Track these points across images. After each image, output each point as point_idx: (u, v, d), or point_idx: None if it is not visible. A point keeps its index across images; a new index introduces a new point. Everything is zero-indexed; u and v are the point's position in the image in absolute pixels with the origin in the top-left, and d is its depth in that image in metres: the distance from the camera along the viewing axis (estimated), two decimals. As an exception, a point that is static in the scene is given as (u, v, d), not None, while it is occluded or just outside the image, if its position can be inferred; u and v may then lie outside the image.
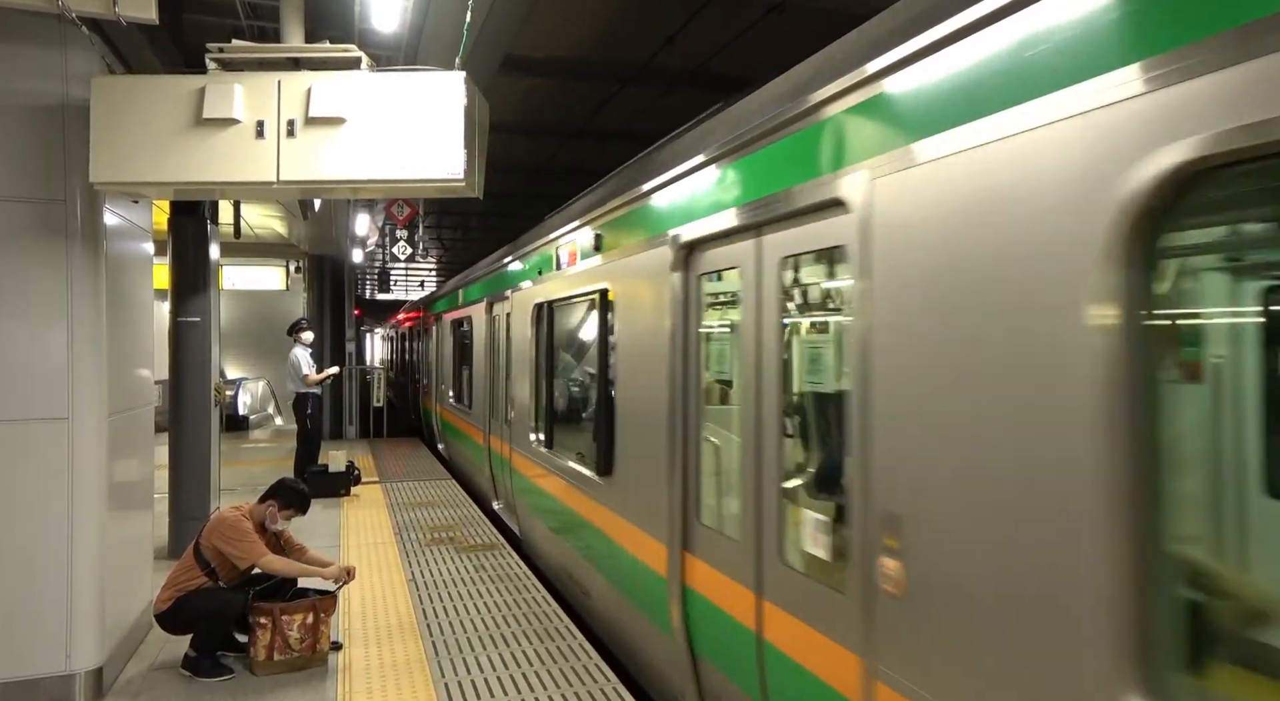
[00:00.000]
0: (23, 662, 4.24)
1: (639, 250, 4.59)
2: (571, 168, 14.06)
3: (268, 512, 5.01)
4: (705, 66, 8.94)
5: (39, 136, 4.25)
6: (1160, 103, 1.68)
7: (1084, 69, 1.85)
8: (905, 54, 2.43)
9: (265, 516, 5.00)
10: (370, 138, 4.10)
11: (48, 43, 4.25)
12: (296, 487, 5.20)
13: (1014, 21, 2.06)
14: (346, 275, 17.81)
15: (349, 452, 11.03)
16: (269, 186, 4.12)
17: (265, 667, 4.71)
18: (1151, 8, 1.72)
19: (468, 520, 8.89)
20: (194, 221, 7.25)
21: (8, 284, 4.22)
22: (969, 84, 2.20)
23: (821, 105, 2.87)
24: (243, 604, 4.80)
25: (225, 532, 4.80)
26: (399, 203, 12.42)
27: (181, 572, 4.81)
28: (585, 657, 4.97)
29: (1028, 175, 1.99)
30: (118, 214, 4.74)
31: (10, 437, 4.23)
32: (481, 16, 6.21)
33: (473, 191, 4.32)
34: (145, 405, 5.34)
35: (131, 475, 5.02)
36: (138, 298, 5.15)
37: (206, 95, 4.02)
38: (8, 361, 4.22)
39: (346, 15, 6.18)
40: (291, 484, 5.22)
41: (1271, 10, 1.49)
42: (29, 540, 4.25)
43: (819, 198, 2.86)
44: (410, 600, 6.06)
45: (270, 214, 12.85)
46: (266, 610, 4.73)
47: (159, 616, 4.78)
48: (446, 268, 30.89)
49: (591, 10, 8.61)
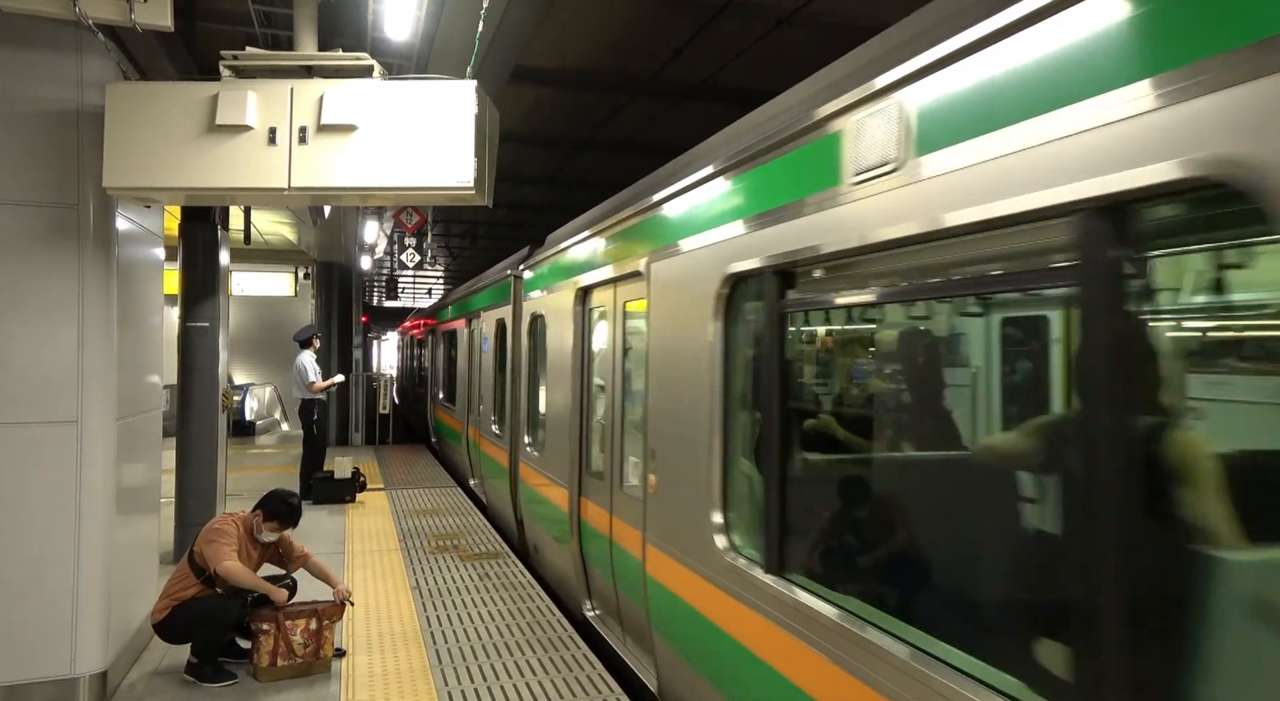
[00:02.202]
0: (28, 665, 4.25)
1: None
2: (580, 178, 14.11)
3: (254, 522, 5.01)
4: (713, 79, 8.98)
5: (54, 142, 4.29)
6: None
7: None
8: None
9: (253, 525, 5.01)
10: (381, 145, 4.12)
11: (64, 49, 4.29)
12: (286, 500, 5.08)
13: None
14: (354, 282, 17.88)
15: (355, 459, 11.04)
16: (280, 193, 4.14)
17: (268, 673, 4.70)
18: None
19: (472, 528, 8.88)
20: (204, 227, 7.29)
21: (20, 287, 4.25)
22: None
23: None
24: (239, 610, 4.78)
25: (206, 535, 4.81)
26: (408, 210, 12.46)
27: (176, 581, 4.80)
28: (589, 667, 4.95)
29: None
30: (130, 219, 4.77)
31: (20, 440, 4.24)
32: (493, 27, 6.25)
33: (482, 200, 4.34)
34: (153, 409, 5.35)
35: (139, 479, 5.03)
36: (148, 302, 5.17)
37: (220, 102, 4.05)
38: (19, 363, 4.25)
39: (359, 24, 6.23)
40: (282, 495, 5.10)
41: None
42: (36, 542, 4.26)
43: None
44: (414, 608, 6.05)
45: (280, 220, 12.92)
46: (270, 616, 4.72)
47: (157, 626, 4.77)
48: (454, 276, 30.96)
49: (601, 22, 8.66)
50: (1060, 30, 1.95)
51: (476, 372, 11.17)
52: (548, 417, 7.20)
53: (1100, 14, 1.86)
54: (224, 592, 4.79)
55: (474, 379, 11.35)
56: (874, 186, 2.60)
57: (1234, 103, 1.56)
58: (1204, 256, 2.03)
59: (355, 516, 9.36)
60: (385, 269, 25.39)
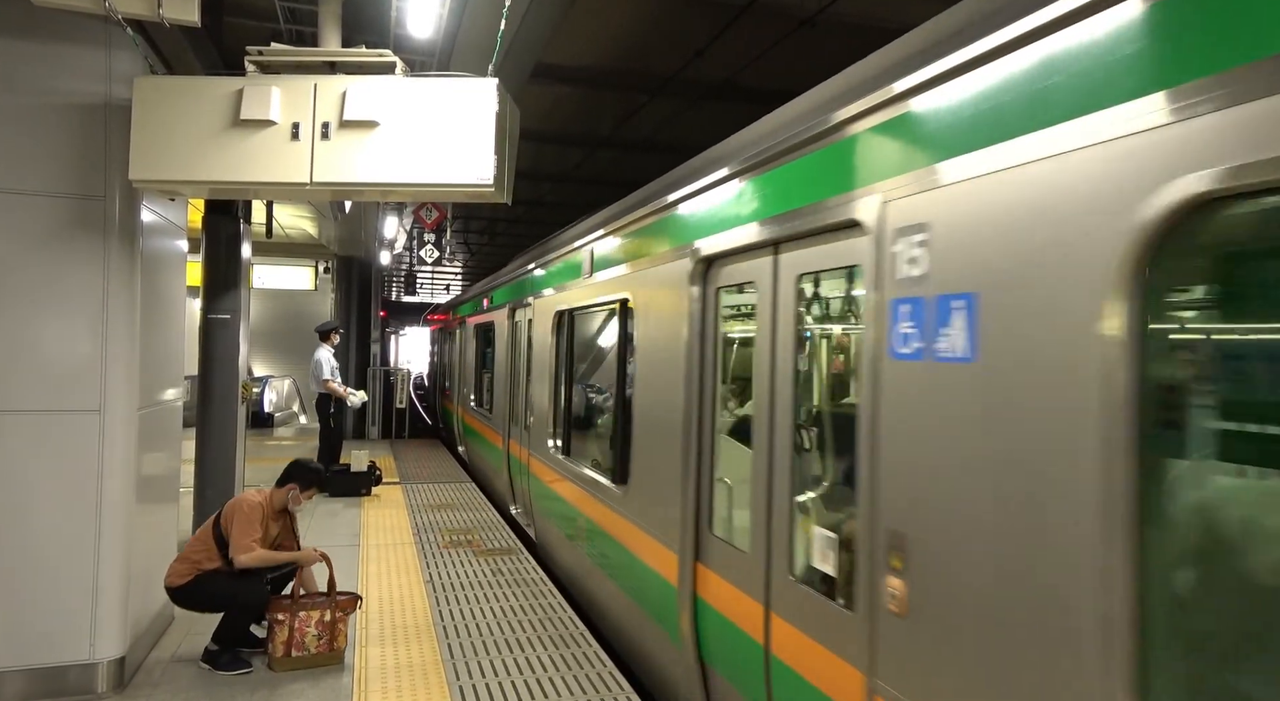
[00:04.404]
0: (48, 650, 4.32)
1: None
2: (597, 177, 14.13)
3: (290, 496, 5.08)
4: (734, 79, 8.96)
5: (82, 135, 4.35)
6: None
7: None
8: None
9: (288, 500, 5.07)
10: (402, 141, 4.15)
11: (94, 44, 4.35)
12: (311, 466, 5.25)
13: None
14: (374, 277, 17.99)
15: (371, 452, 11.11)
16: (302, 187, 4.18)
17: (283, 664, 4.75)
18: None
19: (486, 524, 8.92)
20: (227, 220, 7.37)
21: (47, 277, 4.31)
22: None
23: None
24: (259, 594, 4.83)
25: (237, 517, 4.82)
26: (428, 206, 12.54)
27: (199, 549, 4.83)
28: (600, 665, 4.97)
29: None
30: (154, 211, 4.83)
31: (43, 428, 4.31)
32: (515, 25, 6.28)
33: (501, 197, 4.36)
34: (175, 400, 5.42)
35: (159, 468, 5.10)
36: (171, 294, 5.24)
37: (244, 97, 4.10)
38: (44, 352, 4.31)
39: (383, 21, 6.26)
40: (305, 463, 5.26)
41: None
42: (58, 529, 4.33)
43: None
44: (427, 602, 6.09)
45: (302, 214, 13.02)
46: (285, 607, 4.77)
47: (172, 589, 4.79)
48: (472, 272, 31.09)
49: (622, 21, 8.67)
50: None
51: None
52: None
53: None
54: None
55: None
56: None
57: None
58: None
59: (370, 510, 9.43)
60: (404, 264, 25.56)
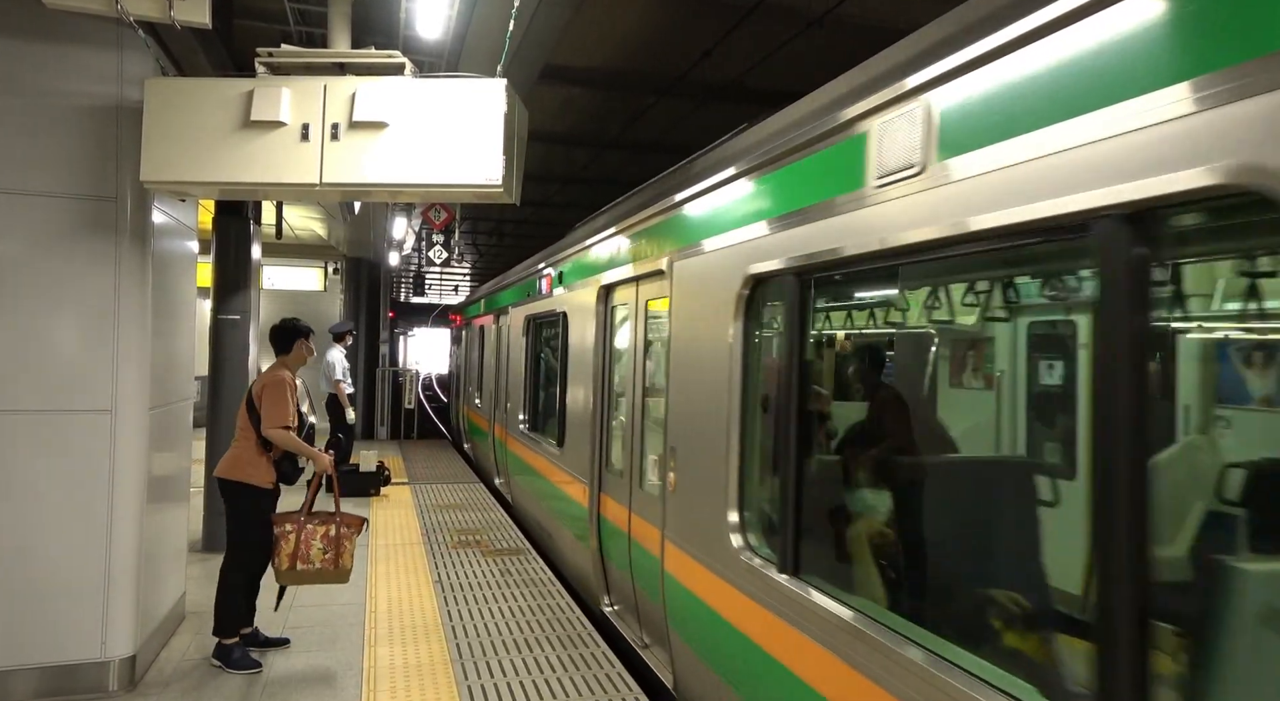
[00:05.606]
0: (60, 648, 4.34)
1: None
2: (606, 178, 14.14)
3: (305, 349, 5.31)
4: (741, 81, 8.96)
5: (93, 136, 4.38)
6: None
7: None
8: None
9: (305, 358, 5.30)
10: (412, 142, 4.16)
11: (106, 46, 4.38)
12: (285, 321, 5.31)
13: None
14: (383, 277, 18.05)
15: (380, 453, 11.14)
16: (312, 188, 4.20)
17: (286, 577, 4.78)
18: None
19: (494, 524, 8.94)
20: (237, 221, 7.40)
21: (59, 277, 4.34)
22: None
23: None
24: (259, 561, 4.86)
25: (270, 392, 4.87)
26: (436, 207, 12.57)
27: (240, 426, 4.90)
28: (608, 666, 4.97)
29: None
30: (165, 212, 4.86)
31: (55, 428, 4.34)
32: (524, 26, 6.30)
33: (510, 198, 4.37)
34: (185, 400, 5.45)
35: (170, 468, 5.13)
36: (181, 294, 5.27)
37: (255, 98, 4.11)
38: (56, 353, 4.34)
39: (392, 22, 6.30)
40: (279, 324, 5.28)
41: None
42: (69, 528, 4.35)
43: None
44: (436, 602, 6.10)
45: (311, 215, 13.07)
46: (293, 519, 4.79)
47: (219, 478, 4.86)
48: (480, 273, 31.15)
49: (630, 22, 8.68)
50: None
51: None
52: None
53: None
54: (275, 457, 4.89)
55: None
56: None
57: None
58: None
59: (379, 510, 9.46)
60: (413, 265, 25.63)
